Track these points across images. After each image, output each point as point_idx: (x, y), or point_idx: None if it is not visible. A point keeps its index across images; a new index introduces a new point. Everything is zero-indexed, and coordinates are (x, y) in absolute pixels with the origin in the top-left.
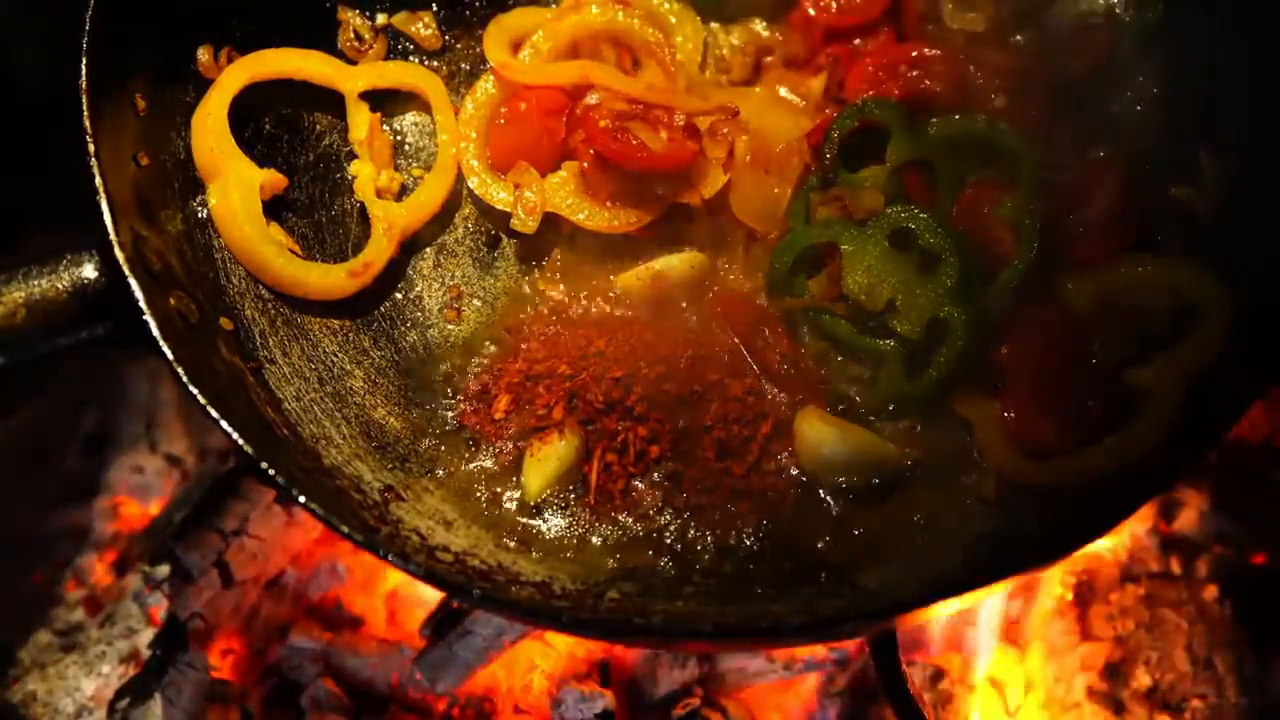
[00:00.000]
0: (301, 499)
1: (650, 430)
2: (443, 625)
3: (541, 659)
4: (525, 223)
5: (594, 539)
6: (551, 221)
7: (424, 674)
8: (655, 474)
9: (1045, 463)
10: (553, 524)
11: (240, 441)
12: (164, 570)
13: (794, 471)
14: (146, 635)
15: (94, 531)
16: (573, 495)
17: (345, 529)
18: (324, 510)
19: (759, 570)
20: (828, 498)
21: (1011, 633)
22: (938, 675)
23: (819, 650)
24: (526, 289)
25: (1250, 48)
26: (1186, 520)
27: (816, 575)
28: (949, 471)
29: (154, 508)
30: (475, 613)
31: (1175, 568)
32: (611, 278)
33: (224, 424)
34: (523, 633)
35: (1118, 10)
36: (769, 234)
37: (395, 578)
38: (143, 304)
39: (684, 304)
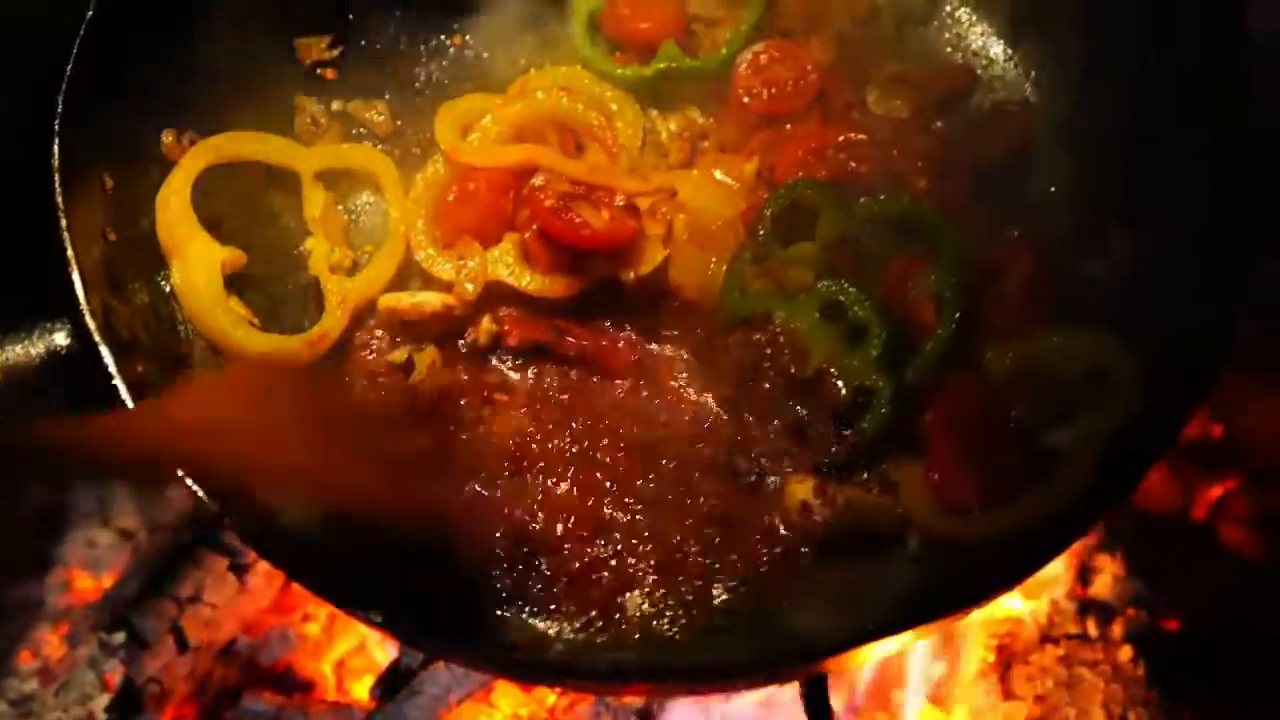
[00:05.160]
0: (263, 553)
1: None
2: (391, 686)
3: (487, 718)
4: (466, 290)
5: (546, 604)
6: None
7: None
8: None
9: (968, 520)
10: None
11: (206, 498)
12: (119, 637)
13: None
14: (102, 701)
15: (47, 604)
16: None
17: (304, 581)
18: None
19: (702, 625)
20: (764, 561)
21: (937, 693)
22: None
23: (752, 708)
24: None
25: (1155, 134)
26: (1102, 585)
27: (756, 627)
28: (877, 529)
29: (106, 580)
30: (423, 673)
31: (1092, 630)
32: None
33: (190, 480)
34: (469, 692)
35: (1032, 99)
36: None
37: (344, 645)
38: (113, 369)
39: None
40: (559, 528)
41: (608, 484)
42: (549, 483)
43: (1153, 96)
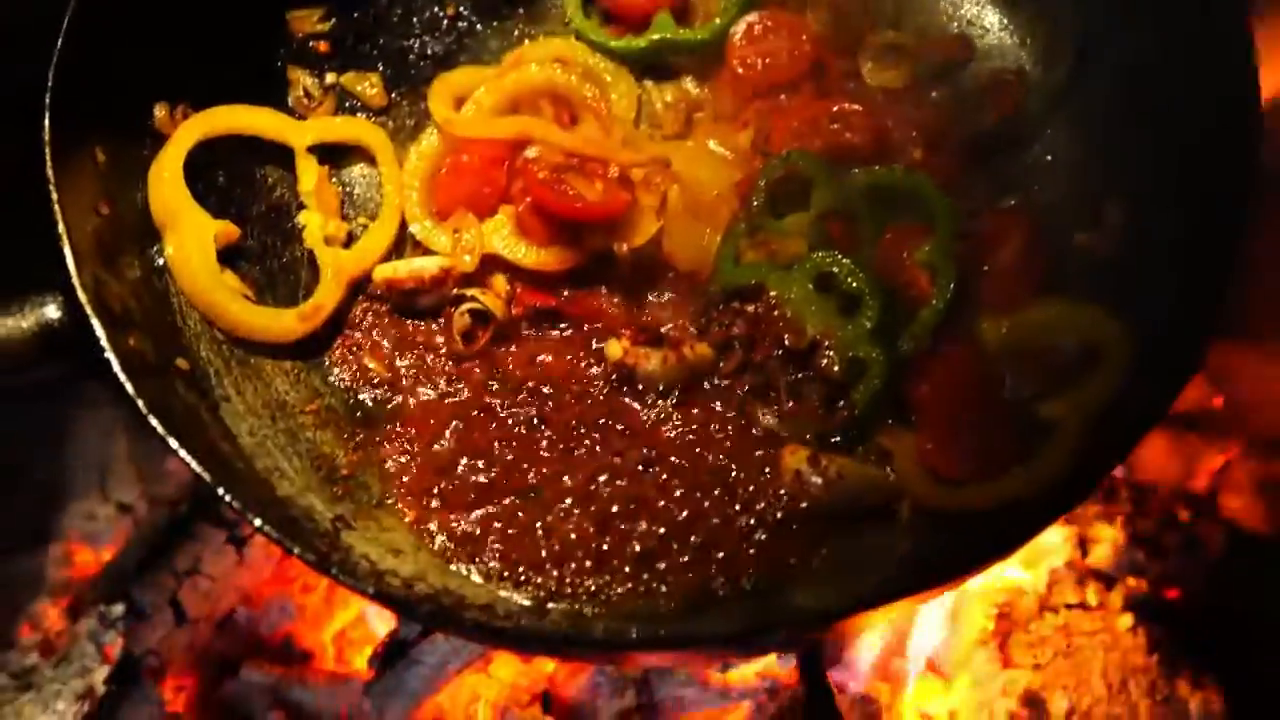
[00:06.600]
0: (257, 522)
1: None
2: (390, 657)
3: (485, 689)
4: (464, 261)
5: (541, 572)
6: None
7: (372, 703)
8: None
9: (960, 490)
10: (499, 556)
11: (199, 469)
12: (119, 610)
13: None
14: (101, 673)
15: (47, 578)
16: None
17: (298, 550)
18: (279, 534)
19: (697, 595)
20: (758, 531)
21: (937, 662)
22: (867, 703)
23: (751, 679)
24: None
25: (1148, 104)
26: (1101, 554)
27: (750, 596)
28: (870, 499)
29: (106, 554)
30: (421, 644)
31: (1092, 599)
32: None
33: (183, 452)
34: (467, 662)
35: (1027, 68)
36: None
37: (343, 616)
38: (105, 343)
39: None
40: (553, 498)
41: (599, 453)
42: (541, 448)
43: (1150, 67)
